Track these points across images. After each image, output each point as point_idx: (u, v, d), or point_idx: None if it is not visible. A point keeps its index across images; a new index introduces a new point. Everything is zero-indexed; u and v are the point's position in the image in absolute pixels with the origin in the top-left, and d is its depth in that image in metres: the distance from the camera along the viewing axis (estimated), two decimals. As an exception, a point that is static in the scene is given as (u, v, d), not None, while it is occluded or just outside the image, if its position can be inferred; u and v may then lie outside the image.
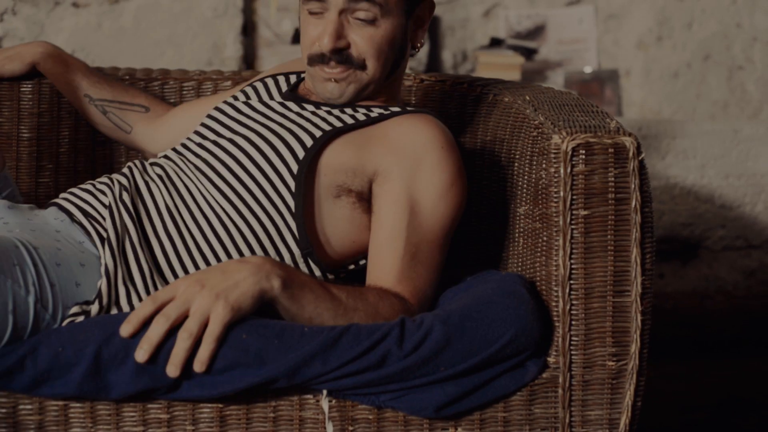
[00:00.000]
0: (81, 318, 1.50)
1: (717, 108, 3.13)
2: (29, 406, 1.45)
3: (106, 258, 1.55)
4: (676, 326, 2.82)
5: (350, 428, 1.48)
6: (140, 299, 1.55)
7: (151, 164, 1.69)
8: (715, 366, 2.72)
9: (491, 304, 1.51)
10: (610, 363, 1.52)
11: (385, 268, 1.59)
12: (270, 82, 1.78)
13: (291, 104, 1.70)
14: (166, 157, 1.71)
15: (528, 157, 1.61)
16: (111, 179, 1.67)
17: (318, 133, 1.63)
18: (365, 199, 1.63)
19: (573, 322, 1.52)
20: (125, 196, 1.62)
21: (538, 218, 1.56)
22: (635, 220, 1.51)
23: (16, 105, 1.91)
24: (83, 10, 2.86)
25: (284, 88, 1.76)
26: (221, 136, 1.69)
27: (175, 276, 1.59)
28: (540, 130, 1.58)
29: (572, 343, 1.52)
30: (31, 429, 1.44)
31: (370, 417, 1.49)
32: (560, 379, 1.53)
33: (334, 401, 1.48)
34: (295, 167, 1.62)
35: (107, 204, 1.61)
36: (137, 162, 1.69)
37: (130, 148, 1.95)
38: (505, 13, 3.13)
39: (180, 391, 1.44)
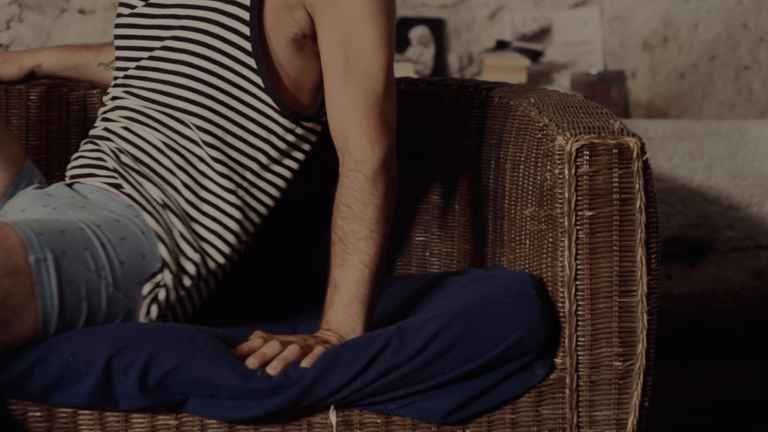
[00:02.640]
0: (163, 295, 1.52)
1: (723, 108, 3.12)
2: (38, 414, 1.45)
3: (151, 222, 1.55)
4: (684, 328, 2.82)
5: (359, 432, 1.49)
6: (197, 249, 1.57)
7: (111, 110, 1.65)
8: (723, 368, 2.71)
9: (499, 305, 1.51)
10: (617, 363, 1.52)
11: (340, 119, 1.56)
12: None
13: None
14: (115, 98, 1.67)
15: (533, 159, 1.61)
16: (95, 143, 1.64)
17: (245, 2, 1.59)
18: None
19: (579, 323, 1.52)
20: (124, 158, 1.60)
21: (543, 220, 1.57)
22: (640, 221, 1.51)
23: (24, 113, 1.91)
24: (89, 16, 2.87)
25: None
26: (152, 50, 1.64)
27: (205, 202, 1.60)
28: (544, 131, 1.58)
29: (579, 343, 1.52)
30: (40, 434, 1.45)
31: (378, 421, 1.50)
32: (567, 380, 1.53)
33: (341, 412, 1.48)
34: (247, 44, 1.58)
35: (112, 168, 1.61)
36: (99, 121, 1.67)
37: None
38: (510, 16, 3.13)
39: (184, 409, 1.45)
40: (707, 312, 2.84)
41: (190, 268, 1.58)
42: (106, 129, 1.66)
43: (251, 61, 1.60)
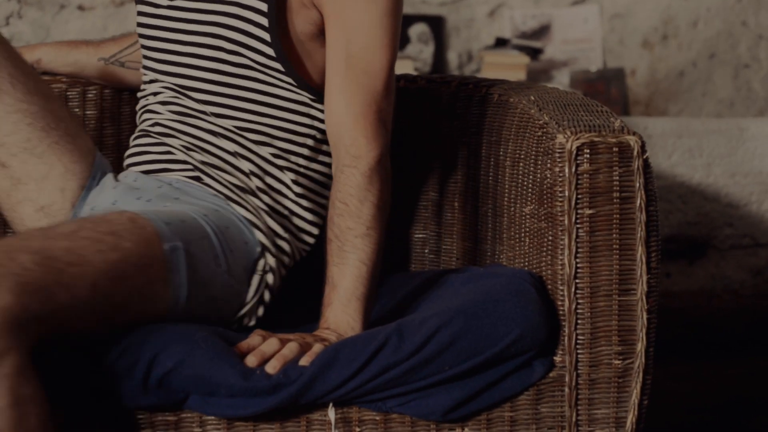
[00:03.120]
0: (271, 278, 1.57)
1: (723, 106, 3.12)
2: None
3: (240, 210, 1.58)
4: (683, 326, 2.82)
5: (357, 430, 1.49)
6: (287, 229, 1.61)
7: (160, 104, 1.67)
8: (722, 365, 2.71)
9: (498, 303, 1.51)
10: (617, 361, 1.52)
11: (338, 114, 1.57)
12: None
13: None
14: (157, 93, 1.68)
15: (533, 156, 1.61)
16: (153, 136, 1.66)
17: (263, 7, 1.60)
18: None
19: (579, 321, 1.52)
20: (196, 155, 1.62)
21: (543, 218, 1.56)
22: (640, 219, 1.51)
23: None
24: (89, 12, 2.86)
25: None
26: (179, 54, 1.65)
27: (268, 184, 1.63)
28: (544, 129, 1.58)
29: (578, 341, 1.52)
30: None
31: (377, 419, 1.50)
32: (567, 378, 1.53)
33: (339, 409, 1.48)
34: (266, 35, 1.59)
35: (184, 160, 1.63)
36: (145, 113, 1.69)
37: None
38: (510, 13, 3.13)
39: (185, 406, 1.46)
40: (706, 310, 2.84)
41: (286, 248, 1.62)
42: (159, 124, 1.67)
43: (277, 65, 1.62)
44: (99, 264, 1.39)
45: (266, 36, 1.60)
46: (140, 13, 1.72)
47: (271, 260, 1.59)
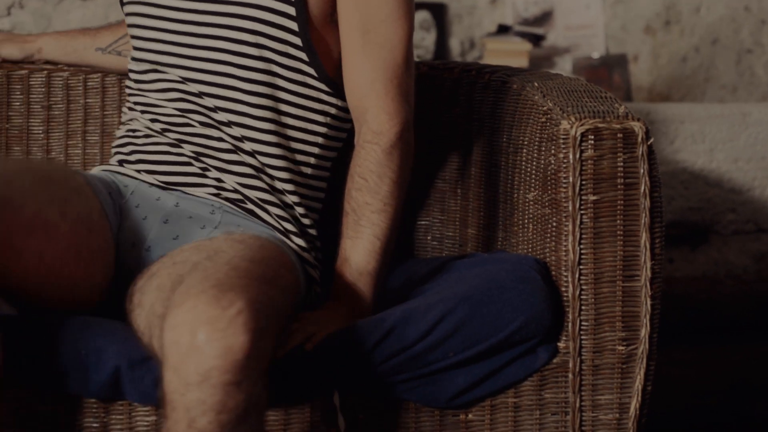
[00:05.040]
0: (316, 272, 1.59)
1: (726, 92, 3.12)
2: (46, 399, 1.45)
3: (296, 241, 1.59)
4: (686, 311, 2.82)
5: (362, 417, 1.49)
6: (299, 218, 1.61)
7: (170, 101, 1.60)
8: (725, 351, 2.71)
9: (503, 289, 1.51)
10: (620, 347, 1.52)
11: (359, 90, 1.54)
12: None
13: None
14: (155, 104, 1.61)
15: (537, 143, 1.61)
16: (168, 136, 1.60)
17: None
18: None
19: (583, 307, 1.52)
20: (228, 178, 1.58)
21: (547, 204, 1.57)
22: (644, 205, 1.51)
23: (26, 98, 1.91)
24: (90, 2, 2.86)
25: None
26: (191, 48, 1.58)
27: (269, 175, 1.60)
28: (548, 116, 1.58)
29: (582, 328, 1.52)
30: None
31: (382, 405, 1.50)
32: (570, 364, 1.53)
33: (343, 394, 1.48)
34: (297, 39, 1.55)
35: (230, 188, 1.59)
36: (152, 123, 1.62)
37: None
38: (512, 0, 3.12)
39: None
40: (709, 295, 2.84)
41: (312, 238, 1.62)
42: (174, 125, 1.61)
43: (303, 55, 1.58)
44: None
45: (293, 26, 1.56)
46: (140, 3, 1.67)
47: (310, 256, 1.60)
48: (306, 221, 1.62)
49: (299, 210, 1.61)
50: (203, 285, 1.31)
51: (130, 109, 1.68)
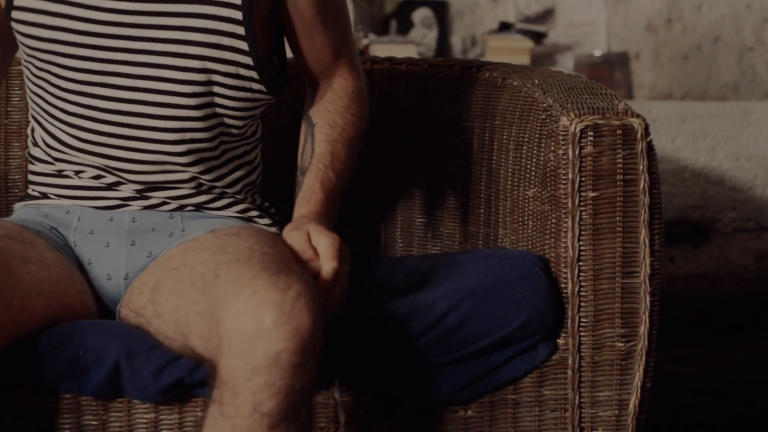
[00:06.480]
0: None
1: (727, 90, 3.12)
2: (45, 397, 1.45)
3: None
4: (686, 309, 2.82)
5: (361, 412, 1.49)
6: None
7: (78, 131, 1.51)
8: (725, 349, 2.72)
9: (507, 286, 1.51)
10: (620, 344, 1.53)
11: (323, 55, 1.60)
12: None
13: None
14: (72, 116, 1.51)
15: (537, 139, 1.61)
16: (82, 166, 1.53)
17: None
18: None
19: (582, 304, 1.52)
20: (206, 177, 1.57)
21: (546, 200, 1.57)
22: (644, 202, 1.51)
23: (25, 94, 1.91)
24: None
25: None
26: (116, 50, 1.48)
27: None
28: (548, 112, 1.58)
29: (581, 324, 1.52)
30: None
31: (382, 399, 1.50)
32: (570, 361, 1.53)
33: (344, 387, 1.48)
34: (244, 44, 1.51)
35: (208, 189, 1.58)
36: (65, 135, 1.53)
37: None
38: (513, -3, 3.12)
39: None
40: (710, 293, 2.84)
41: (270, 213, 1.64)
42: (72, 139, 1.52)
43: (248, 60, 1.53)
44: None
45: (241, 30, 1.50)
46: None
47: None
48: (259, 200, 1.64)
49: (248, 198, 1.61)
50: (252, 271, 1.31)
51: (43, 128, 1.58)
